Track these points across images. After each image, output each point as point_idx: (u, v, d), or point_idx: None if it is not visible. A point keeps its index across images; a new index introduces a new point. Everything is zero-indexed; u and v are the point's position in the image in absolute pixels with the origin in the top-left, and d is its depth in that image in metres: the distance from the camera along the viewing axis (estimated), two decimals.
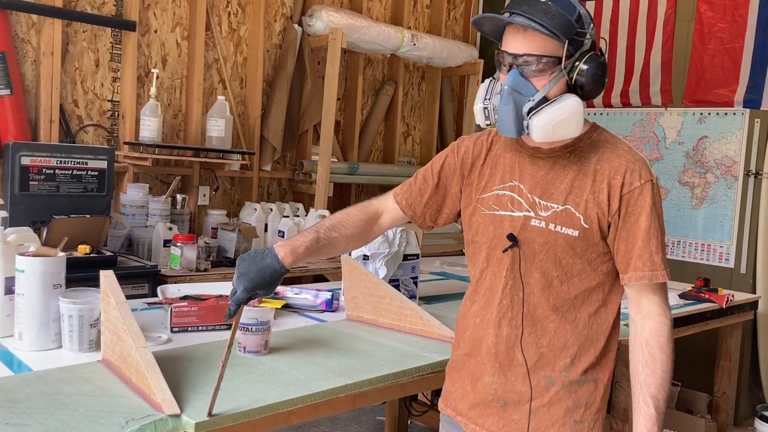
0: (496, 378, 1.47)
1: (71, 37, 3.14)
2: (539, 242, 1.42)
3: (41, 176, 2.63)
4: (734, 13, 3.63)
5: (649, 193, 1.37)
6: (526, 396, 1.44)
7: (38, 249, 1.70)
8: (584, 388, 1.44)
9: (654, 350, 1.36)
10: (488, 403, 1.48)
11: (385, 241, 2.28)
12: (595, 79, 1.36)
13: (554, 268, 1.42)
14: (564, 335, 1.43)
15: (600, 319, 1.44)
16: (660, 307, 1.39)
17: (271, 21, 3.83)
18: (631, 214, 1.37)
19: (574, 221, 1.39)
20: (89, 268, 2.27)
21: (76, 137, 3.17)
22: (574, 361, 1.43)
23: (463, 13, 4.93)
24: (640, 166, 1.39)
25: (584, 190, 1.40)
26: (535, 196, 1.43)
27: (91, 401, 1.30)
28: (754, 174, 3.63)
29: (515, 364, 1.45)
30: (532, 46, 1.33)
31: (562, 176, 1.42)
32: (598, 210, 1.38)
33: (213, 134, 3.39)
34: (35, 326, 1.59)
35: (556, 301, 1.43)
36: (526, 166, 1.46)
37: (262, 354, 1.65)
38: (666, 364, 1.35)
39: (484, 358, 1.49)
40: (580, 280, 1.42)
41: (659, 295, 1.39)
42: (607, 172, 1.39)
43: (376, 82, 4.46)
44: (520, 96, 1.35)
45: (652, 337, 1.37)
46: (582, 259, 1.41)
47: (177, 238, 2.84)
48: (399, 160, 4.57)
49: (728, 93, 3.68)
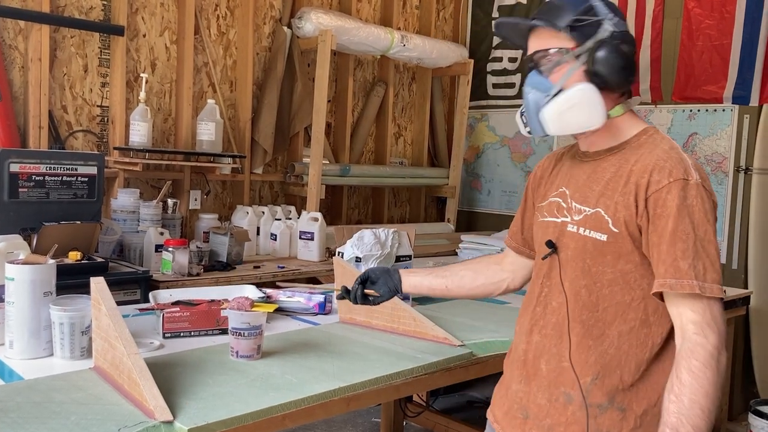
0: (522, 386, 1.44)
1: (59, 42, 3.12)
2: (572, 248, 1.36)
3: (31, 183, 2.61)
4: (722, 9, 3.65)
5: (677, 193, 1.23)
6: (544, 410, 1.38)
7: (28, 256, 1.69)
8: (607, 416, 1.31)
9: (682, 374, 1.19)
10: (514, 412, 1.45)
11: (377, 242, 2.28)
12: (614, 66, 1.30)
13: (582, 276, 1.34)
14: (585, 351, 1.33)
15: (636, 341, 1.31)
16: (698, 326, 1.21)
17: (260, 24, 3.83)
18: (660, 216, 1.25)
19: (603, 225, 1.31)
20: (80, 274, 2.26)
21: (66, 143, 3.16)
22: (595, 381, 1.32)
23: (452, 14, 4.94)
24: (672, 164, 1.26)
25: (615, 192, 1.31)
26: (574, 200, 1.38)
27: (83, 409, 1.29)
28: (744, 170, 3.65)
29: (539, 375, 1.40)
30: (540, 42, 1.36)
31: (599, 179, 1.36)
32: (626, 212, 1.28)
33: (203, 138, 3.38)
34: (26, 334, 1.58)
35: (582, 313, 1.34)
36: (574, 171, 1.43)
37: (255, 358, 1.65)
38: (696, 392, 1.17)
39: (514, 365, 1.47)
40: (612, 292, 1.32)
41: (699, 313, 1.21)
42: (638, 172, 1.29)
43: (366, 84, 4.45)
44: (539, 93, 1.35)
45: (683, 359, 1.20)
46: (614, 268, 1.31)
47: (168, 243, 2.83)
48: (391, 161, 4.57)
49: (717, 89, 3.69)
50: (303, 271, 3.23)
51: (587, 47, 1.32)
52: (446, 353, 1.81)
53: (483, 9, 4.81)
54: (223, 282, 2.81)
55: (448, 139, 4.86)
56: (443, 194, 4.70)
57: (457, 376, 1.87)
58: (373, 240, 2.27)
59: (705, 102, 3.75)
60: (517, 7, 4.61)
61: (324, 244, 3.43)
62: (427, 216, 4.87)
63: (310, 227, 3.42)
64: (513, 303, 2.53)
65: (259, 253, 3.51)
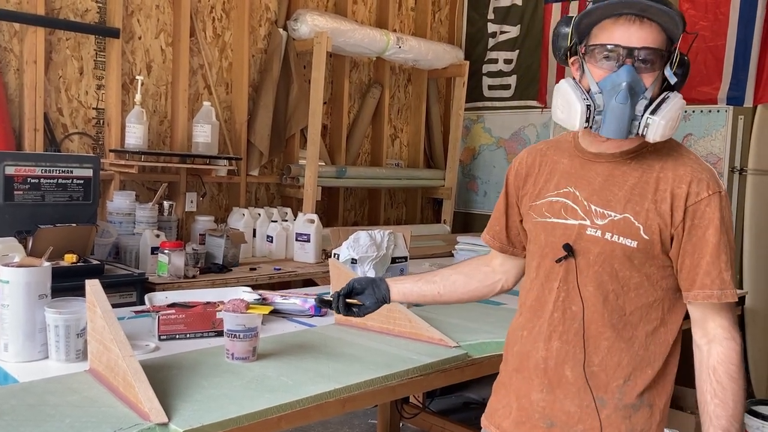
0: (545, 395, 1.40)
1: (54, 45, 3.12)
2: (595, 253, 1.34)
3: (26, 185, 2.61)
4: (716, 11, 3.66)
5: (717, 206, 1.28)
6: (574, 417, 1.36)
7: (23, 259, 1.70)
8: (640, 414, 1.35)
9: (723, 379, 1.27)
10: (534, 422, 1.41)
11: (373, 244, 2.29)
12: (685, 80, 1.33)
13: (610, 281, 1.34)
14: (618, 354, 1.34)
15: (658, 339, 1.36)
16: (728, 331, 1.29)
17: (255, 26, 3.83)
18: (698, 227, 1.28)
19: (633, 231, 1.31)
20: (76, 277, 2.25)
21: (61, 146, 3.15)
22: (628, 383, 1.35)
23: (448, 16, 4.94)
24: (708, 176, 1.31)
25: (645, 199, 1.31)
26: (592, 203, 1.36)
27: (78, 412, 1.29)
28: (739, 170, 3.66)
29: (564, 382, 1.38)
30: (650, 38, 1.27)
31: (621, 183, 1.34)
32: (660, 221, 1.30)
33: (199, 140, 3.38)
34: (21, 337, 1.58)
35: (612, 317, 1.34)
36: (584, 172, 1.39)
37: (251, 360, 1.65)
38: (737, 393, 1.26)
39: (532, 374, 1.42)
40: (638, 295, 1.34)
41: (726, 318, 1.30)
42: (671, 181, 1.30)
43: (362, 85, 4.46)
44: (635, 94, 1.27)
45: (720, 364, 1.27)
46: (640, 272, 1.33)
47: (164, 245, 2.83)
48: (387, 163, 4.57)
49: (712, 90, 3.70)
50: (299, 272, 3.23)
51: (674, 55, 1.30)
52: (442, 354, 1.82)
53: (478, 11, 4.82)
54: (219, 284, 2.81)
55: (444, 141, 4.86)
56: (439, 196, 4.70)
57: (452, 378, 1.87)
58: (369, 241, 2.28)
59: (700, 103, 3.76)
60: (512, 8, 4.62)
61: (320, 245, 3.44)
62: (424, 217, 4.88)
63: (307, 229, 3.42)
64: (508, 304, 2.54)
65: (256, 255, 3.51)
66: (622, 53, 1.27)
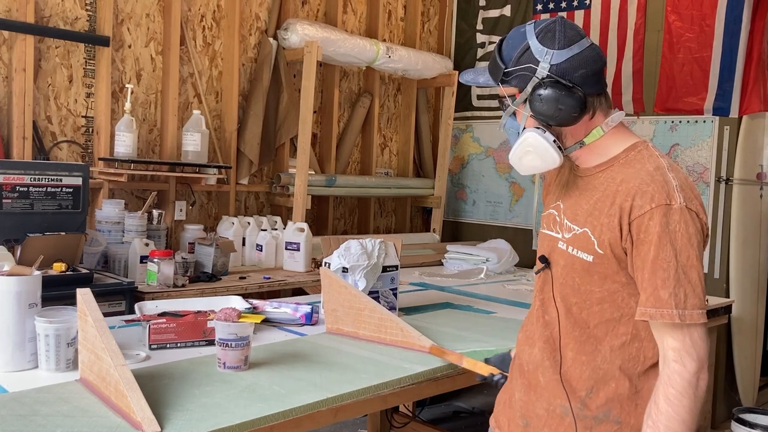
0: (523, 395, 1.47)
1: (44, 53, 3.11)
2: (561, 265, 1.38)
3: (15, 194, 2.59)
4: (702, 23, 3.71)
5: (659, 219, 1.23)
6: (542, 420, 1.41)
7: (12, 268, 1.68)
8: (603, 427, 1.34)
9: (659, 400, 1.23)
10: (516, 420, 1.48)
11: (364, 252, 2.29)
12: (551, 104, 1.30)
13: (572, 294, 1.36)
14: (579, 366, 1.36)
15: (628, 355, 1.33)
16: (677, 353, 1.23)
17: (245, 35, 3.83)
18: (643, 241, 1.25)
19: (589, 245, 1.32)
20: (65, 286, 2.25)
21: (50, 154, 3.14)
22: (590, 395, 1.35)
23: (437, 26, 4.98)
24: (655, 188, 1.26)
25: (602, 213, 1.32)
26: (566, 217, 1.40)
27: (69, 422, 1.29)
28: (725, 180, 3.70)
29: (538, 386, 1.43)
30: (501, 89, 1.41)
31: (589, 197, 1.36)
32: (611, 235, 1.29)
33: (189, 149, 3.38)
34: (10, 346, 1.57)
35: (574, 329, 1.37)
36: (569, 186, 1.44)
37: (242, 369, 1.65)
38: (671, 419, 1.21)
39: (518, 375, 1.50)
40: (601, 309, 1.34)
41: (679, 339, 1.23)
42: (623, 194, 1.29)
43: (352, 95, 4.47)
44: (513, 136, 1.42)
45: (661, 385, 1.24)
46: (602, 288, 1.33)
47: (154, 254, 2.81)
48: (376, 172, 4.58)
49: (698, 101, 3.75)
50: (289, 281, 3.23)
51: (527, 92, 1.34)
52: (433, 363, 1.82)
53: (467, 21, 4.85)
54: (209, 293, 2.80)
55: (433, 150, 4.88)
56: (429, 204, 4.72)
57: (443, 386, 1.88)
58: (360, 250, 2.28)
59: (686, 113, 3.81)
60: (500, 19, 4.65)
61: (310, 254, 3.43)
62: (413, 226, 4.89)
63: (296, 238, 3.42)
64: (499, 313, 2.55)
65: (245, 264, 3.50)
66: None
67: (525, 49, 1.33)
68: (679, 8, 3.79)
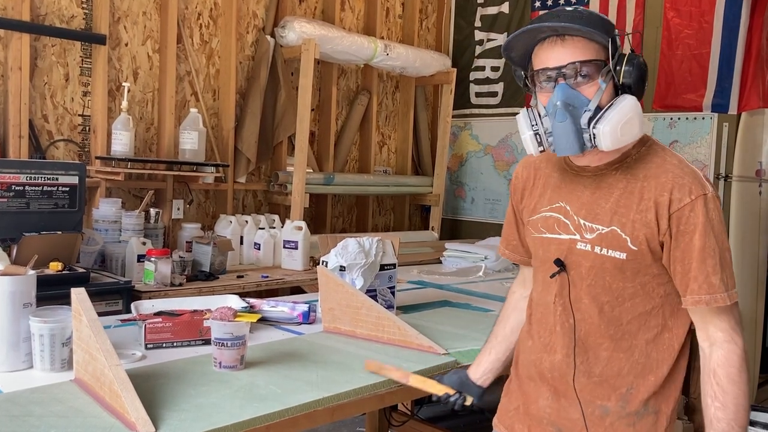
0: (550, 402, 1.44)
1: (40, 51, 3.10)
2: (586, 266, 1.36)
3: (11, 193, 2.58)
4: (700, 19, 3.70)
5: (701, 209, 1.26)
6: (579, 424, 1.39)
7: (8, 267, 1.67)
8: (644, 421, 1.36)
9: (722, 381, 1.27)
10: (543, 426, 1.45)
11: (362, 251, 2.28)
12: (641, 80, 1.30)
13: (604, 293, 1.35)
14: (618, 363, 1.36)
15: (661, 346, 1.36)
16: (727, 333, 1.29)
17: (243, 33, 3.82)
18: (684, 233, 1.27)
19: (621, 243, 1.32)
20: (61, 285, 2.23)
21: (47, 152, 3.13)
22: (630, 391, 1.36)
23: (435, 23, 4.96)
24: (690, 180, 1.28)
25: (630, 210, 1.31)
26: (581, 217, 1.37)
27: (64, 422, 1.28)
28: (724, 177, 3.69)
29: (568, 392, 1.40)
30: (576, 53, 1.28)
31: (607, 196, 1.35)
32: (646, 230, 1.30)
33: (186, 147, 3.37)
34: (5, 346, 1.56)
35: (609, 328, 1.36)
36: (573, 186, 1.40)
37: (239, 369, 1.64)
38: (738, 396, 1.26)
39: (539, 382, 1.46)
40: (633, 304, 1.35)
41: (726, 320, 1.29)
42: (654, 190, 1.30)
43: (350, 92, 4.46)
44: (575, 109, 1.28)
45: (720, 367, 1.28)
46: (634, 282, 1.34)
47: (151, 252, 2.80)
48: (375, 170, 4.57)
49: (697, 98, 3.74)
50: (287, 280, 3.22)
51: (615, 60, 1.29)
52: (431, 362, 1.81)
53: (465, 19, 4.84)
54: (207, 292, 2.79)
55: (431, 148, 4.87)
56: (427, 202, 4.71)
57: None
58: (357, 249, 2.27)
59: (685, 110, 3.80)
60: (499, 16, 4.64)
61: (308, 253, 3.42)
62: (412, 224, 4.88)
63: (294, 236, 3.41)
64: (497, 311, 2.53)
65: (243, 262, 3.50)
66: (552, 74, 1.30)
67: (608, 19, 1.31)
68: (677, 5, 3.78)
